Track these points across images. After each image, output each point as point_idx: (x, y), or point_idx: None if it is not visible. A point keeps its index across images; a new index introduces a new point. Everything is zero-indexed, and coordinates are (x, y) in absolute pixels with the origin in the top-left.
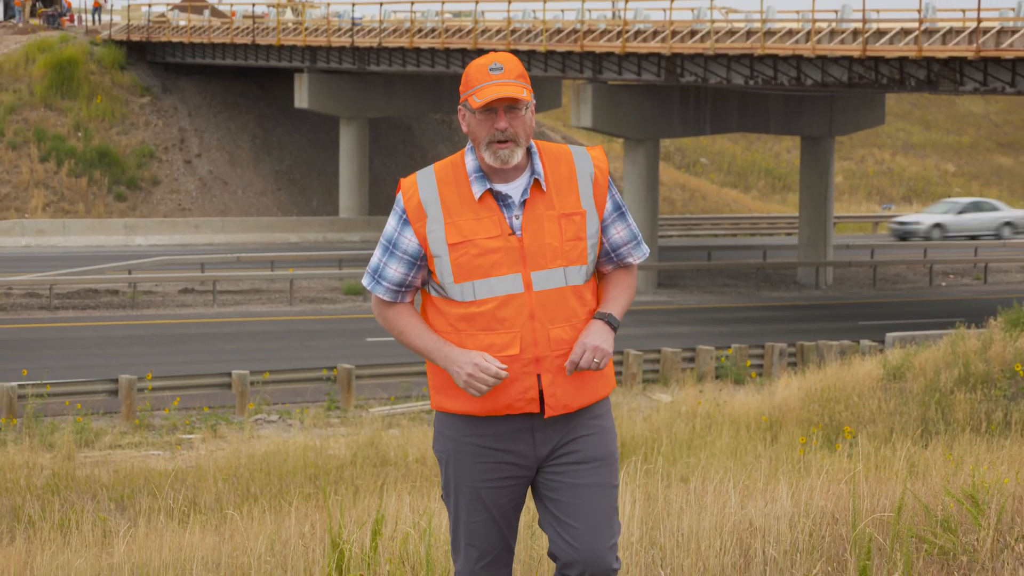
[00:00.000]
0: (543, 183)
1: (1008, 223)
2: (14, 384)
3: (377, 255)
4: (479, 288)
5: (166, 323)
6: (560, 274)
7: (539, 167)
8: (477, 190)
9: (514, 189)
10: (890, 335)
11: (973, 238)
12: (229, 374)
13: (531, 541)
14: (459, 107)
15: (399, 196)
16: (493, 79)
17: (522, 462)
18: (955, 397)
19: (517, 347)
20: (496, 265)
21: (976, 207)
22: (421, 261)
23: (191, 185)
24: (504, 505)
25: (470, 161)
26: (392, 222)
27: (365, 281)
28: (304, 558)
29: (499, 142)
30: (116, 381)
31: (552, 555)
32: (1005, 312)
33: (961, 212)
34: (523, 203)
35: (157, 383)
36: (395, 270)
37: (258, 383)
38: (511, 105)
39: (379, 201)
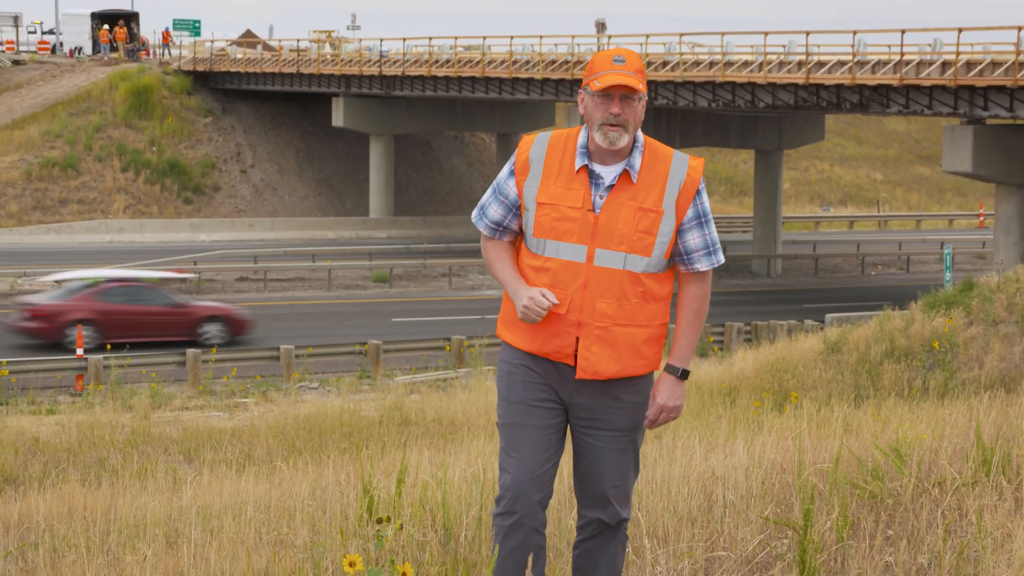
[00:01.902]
0: (634, 175)
1: None
2: (100, 356)
3: (487, 195)
4: (549, 247)
5: None
6: (620, 258)
7: (636, 161)
8: (578, 163)
9: (608, 172)
10: (829, 316)
11: None
12: (277, 348)
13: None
14: (580, 91)
15: (516, 150)
16: (615, 68)
17: (560, 391)
18: (883, 367)
19: (565, 308)
20: (568, 232)
21: None
22: (516, 209)
23: (246, 191)
24: (548, 427)
25: (582, 136)
26: (504, 170)
27: (473, 215)
28: (340, 502)
29: (611, 125)
30: (184, 354)
31: (576, 495)
32: (923, 297)
33: None
34: (611, 187)
35: (218, 356)
36: (495, 211)
37: (302, 356)
38: (626, 94)
39: (403, 204)
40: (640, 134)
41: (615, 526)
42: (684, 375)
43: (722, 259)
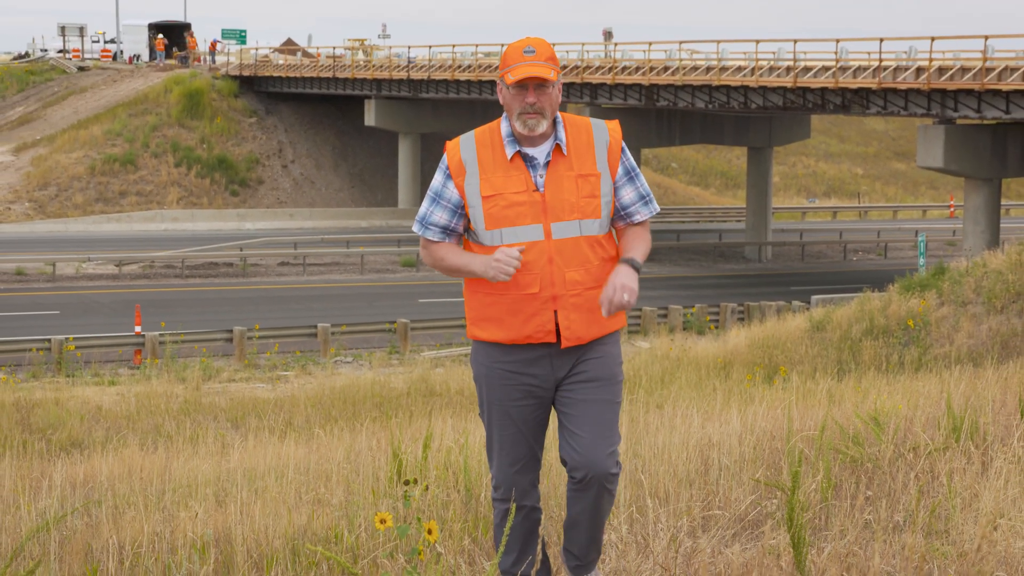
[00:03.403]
0: (564, 148)
1: None
2: (156, 333)
3: (425, 205)
4: (506, 235)
5: (268, 288)
6: (576, 226)
7: (562, 135)
8: (509, 152)
9: (539, 152)
10: (814, 297)
11: None
12: (315, 326)
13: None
14: (497, 82)
15: (445, 156)
16: (526, 60)
17: (542, 385)
18: (863, 344)
19: (537, 287)
20: (521, 216)
21: None
22: (460, 210)
23: (287, 184)
24: (528, 420)
25: (504, 127)
26: (438, 177)
27: (415, 228)
28: (372, 465)
29: (528, 113)
30: (231, 331)
31: (563, 460)
32: (899, 280)
33: None
34: (546, 164)
35: (262, 333)
36: (439, 217)
37: (337, 333)
38: (539, 83)
39: None
40: (557, 112)
41: (600, 477)
42: (635, 263)
43: (657, 208)
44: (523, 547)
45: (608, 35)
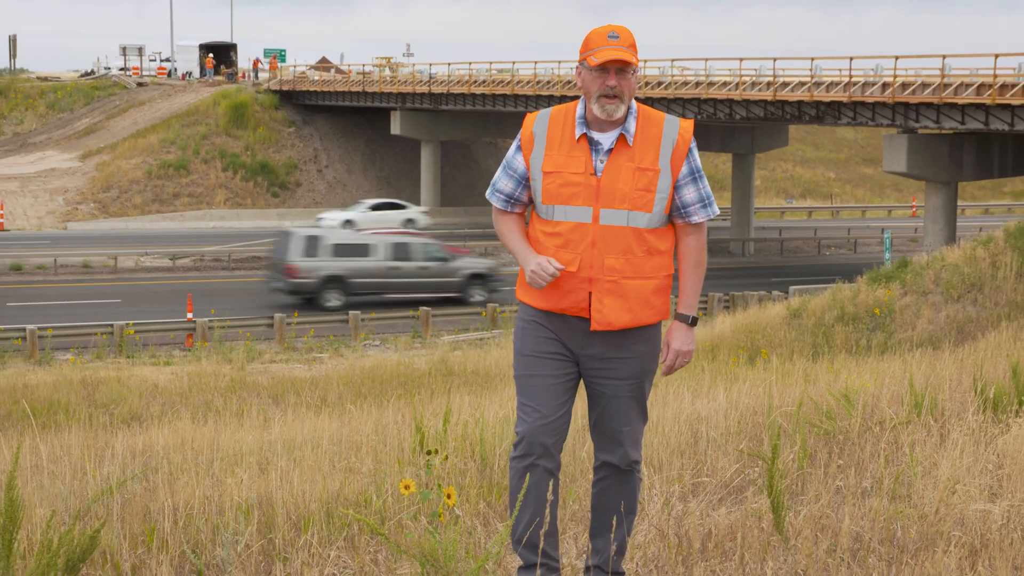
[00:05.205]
0: (630, 139)
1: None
2: (206, 319)
3: (497, 172)
4: (557, 212)
5: None
6: (624, 215)
7: (631, 125)
8: (577, 132)
9: (606, 138)
10: (792, 287)
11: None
12: (347, 313)
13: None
14: (577, 66)
15: (521, 127)
16: (610, 44)
17: (569, 346)
18: (835, 329)
19: (576, 266)
20: (574, 196)
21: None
22: (525, 181)
23: (322, 186)
24: (555, 376)
25: (579, 108)
26: (512, 147)
27: (487, 193)
28: (397, 437)
29: (607, 96)
30: (272, 318)
31: (593, 443)
32: (867, 272)
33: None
34: (609, 151)
35: (299, 319)
36: (505, 184)
37: (367, 319)
38: (621, 67)
39: (448, 197)
40: (633, 102)
41: (627, 468)
42: (693, 322)
43: (716, 211)
44: (535, 510)
45: None
